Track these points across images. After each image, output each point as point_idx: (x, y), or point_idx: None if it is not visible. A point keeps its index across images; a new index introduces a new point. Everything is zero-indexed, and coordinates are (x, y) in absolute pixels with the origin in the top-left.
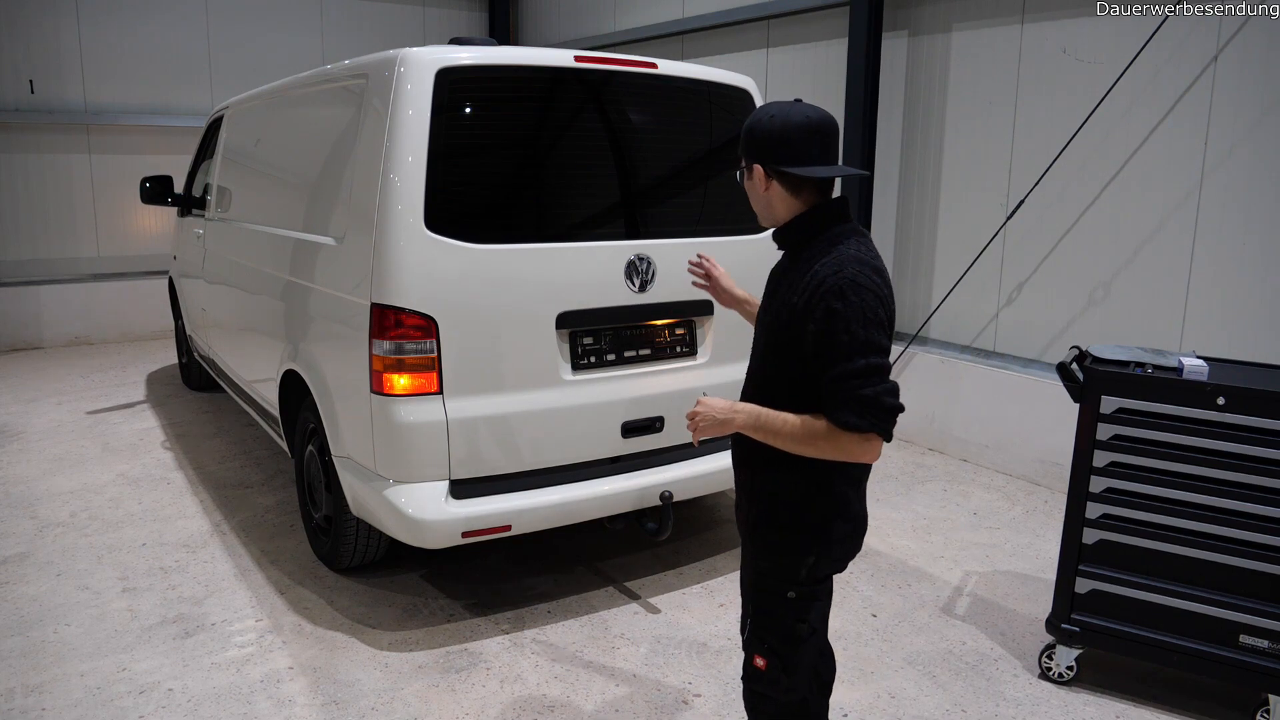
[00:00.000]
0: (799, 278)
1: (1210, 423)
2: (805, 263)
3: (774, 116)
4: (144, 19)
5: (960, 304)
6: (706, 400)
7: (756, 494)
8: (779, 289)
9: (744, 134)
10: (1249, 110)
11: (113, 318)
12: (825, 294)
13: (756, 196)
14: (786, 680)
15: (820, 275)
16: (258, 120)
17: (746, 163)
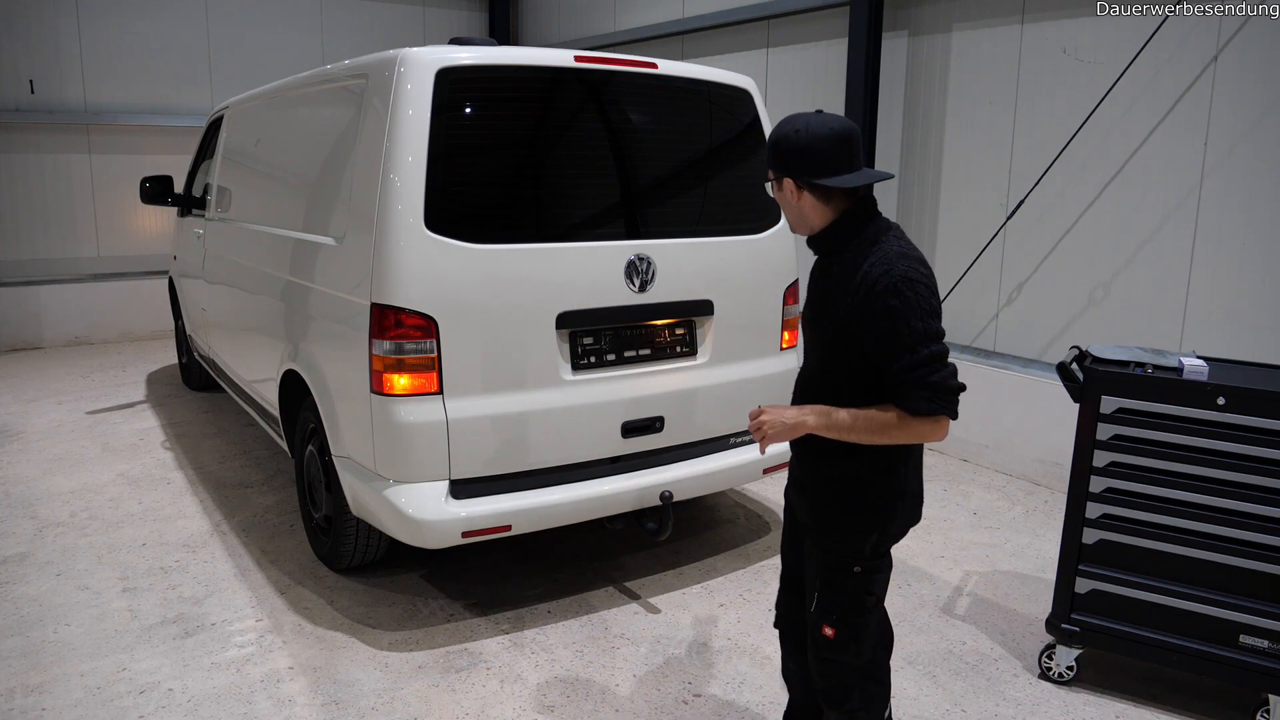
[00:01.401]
0: (847, 279)
1: (1210, 423)
2: (849, 264)
3: (800, 131)
4: (144, 19)
5: (960, 304)
6: (771, 407)
7: (819, 481)
8: (828, 292)
9: (771, 148)
10: (1249, 110)
11: (113, 318)
12: (882, 293)
13: (789, 207)
14: (855, 646)
15: (873, 276)
16: (258, 120)
17: (776, 176)
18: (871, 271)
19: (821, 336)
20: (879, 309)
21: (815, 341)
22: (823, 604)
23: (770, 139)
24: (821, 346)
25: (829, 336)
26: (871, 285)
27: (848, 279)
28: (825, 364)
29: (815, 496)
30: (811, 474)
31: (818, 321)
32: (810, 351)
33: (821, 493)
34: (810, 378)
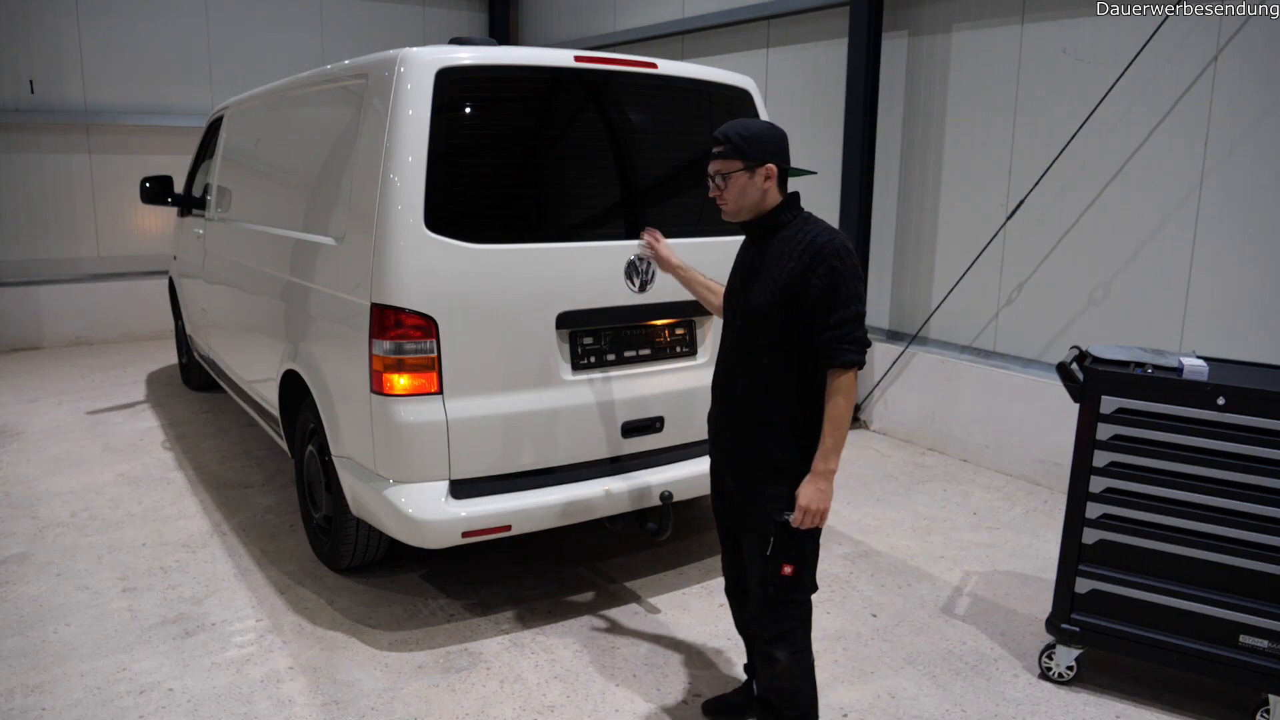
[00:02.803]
0: (790, 248)
1: (1210, 423)
2: (789, 238)
3: (770, 127)
4: (144, 19)
5: (960, 304)
6: (802, 495)
7: (758, 444)
8: (768, 260)
9: (750, 140)
10: (1249, 110)
11: (113, 318)
12: (827, 255)
13: (751, 191)
14: (808, 577)
15: (818, 242)
16: (258, 120)
17: (754, 164)
18: (818, 239)
19: (757, 299)
20: (824, 269)
21: (745, 307)
22: (780, 548)
23: (744, 133)
24: (755, 310)
25: (768, 297)
26: (819, 249)
27: (791, 247)
28: (758, 326)
29: (757, 455)
30: (749, 439)
31: (752, 289)
32: (736, 322)
33: (764, 450)
34: (732, 348)
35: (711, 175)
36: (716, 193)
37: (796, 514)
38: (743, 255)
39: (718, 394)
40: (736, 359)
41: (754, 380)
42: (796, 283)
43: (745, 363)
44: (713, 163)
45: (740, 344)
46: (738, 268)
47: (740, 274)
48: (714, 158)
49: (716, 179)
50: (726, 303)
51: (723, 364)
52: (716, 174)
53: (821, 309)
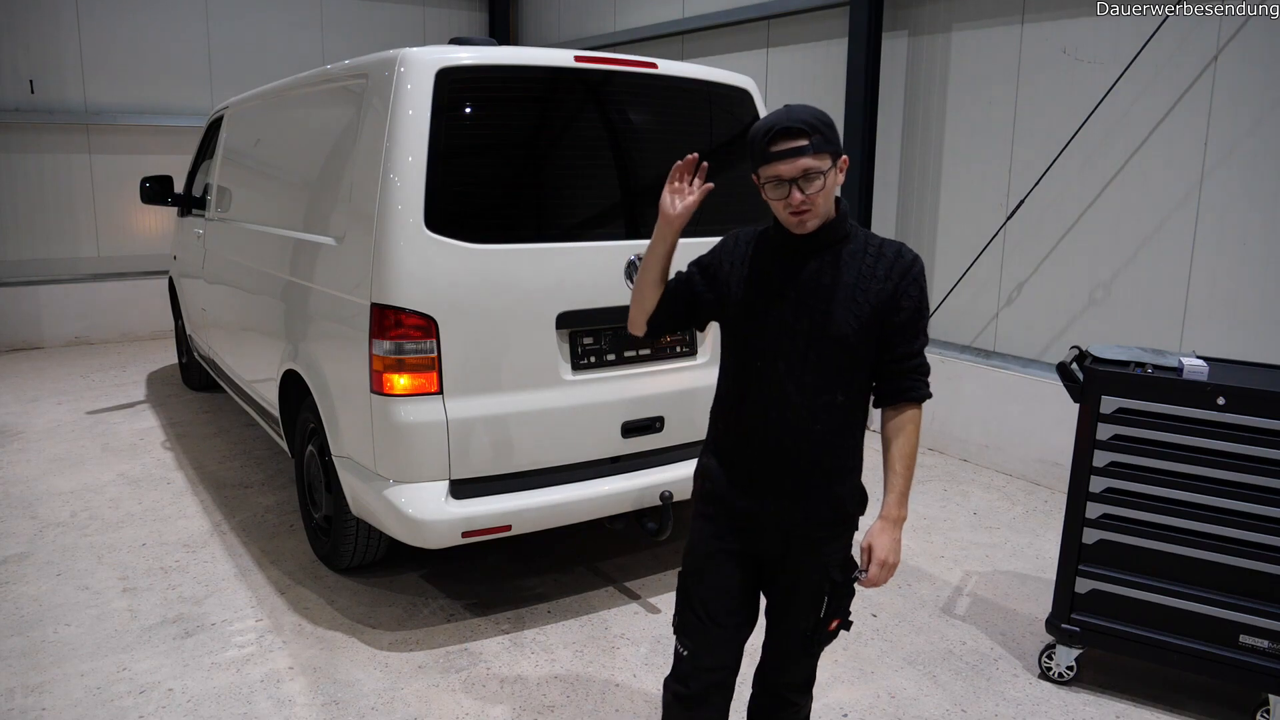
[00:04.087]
0: (869, 264)
1: (1210, 423)
2: (858, 253)
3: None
4: (144, 19)
5: (960, 304)
6: (879, 548)
7: (832, 495)
8: (841, 281)
9: (831, 127)
10: (1249, 110)
11: (113, 318)
12: (916, 272)
13: (832, 192)
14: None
15: (905, 256)
16: (258, 120)
17: (837, 156)
18: (901, 253)
19: (840, 326)
20: (915, 289)
21: (818, 335)
22: (839, 606)
23: (823, 119)
24: (837, 339)
25: (856, 324)
26: (908, 265)
27: (871, 262)
28: (840, 358)
29: (826, 512)
30: (824, 493)
31: (830, 313)
32: (799, 352)
33: (840, 505)
34: (789, 383)
35: (793, 180)
36: (801, 201)
37: (873, 570)
38: (789, 270)
39: (763, 437)
40: (800, 396)
41: (830, 421)
42: (887, 305)
43: (815, 401)
44: (798, 161)
45: (807, 378)
46: (780, 284)
47: (797, 293)
48: (796, 154)
49: (800, 183)
50: (764, 328)
51: (769, 401)
52: (805, 175)
53: (907, 335)
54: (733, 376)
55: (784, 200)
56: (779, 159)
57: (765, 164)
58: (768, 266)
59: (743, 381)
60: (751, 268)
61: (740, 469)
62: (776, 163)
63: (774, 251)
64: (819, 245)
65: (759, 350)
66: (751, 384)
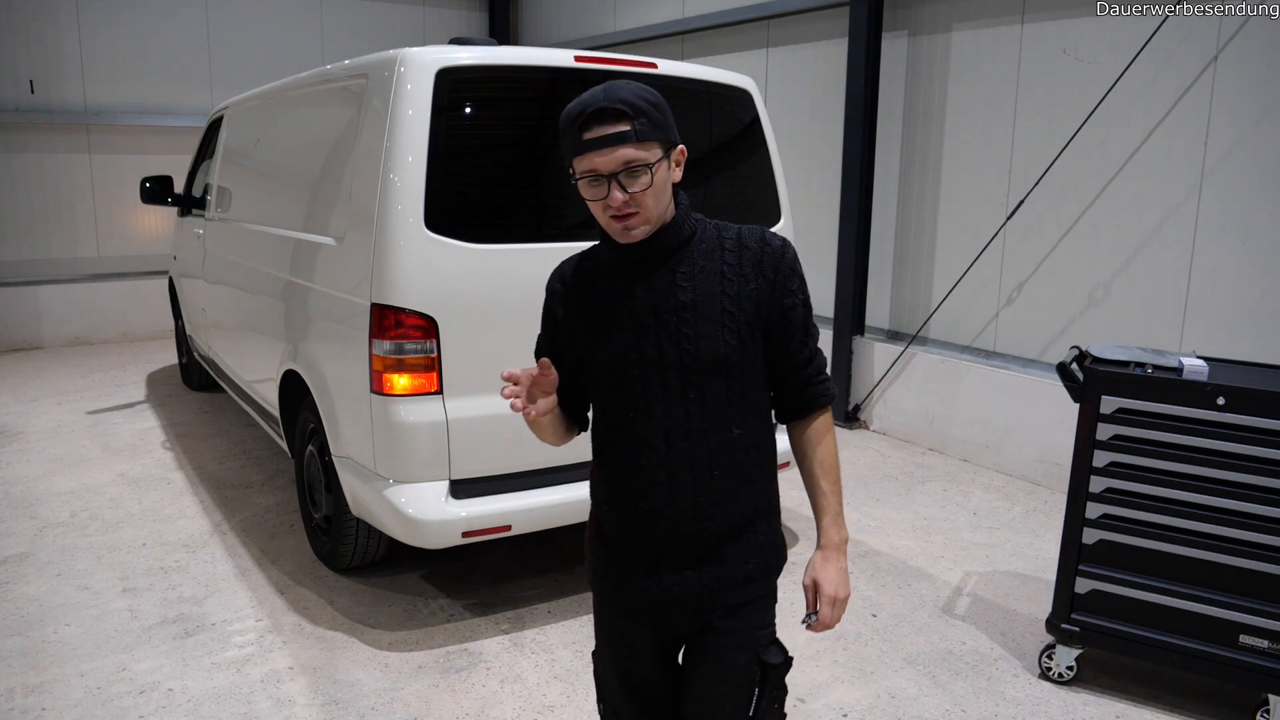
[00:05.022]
0: (724, 262)
1: (1210, 423)
2: (706, 251)
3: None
4: (144, 19)
5: (960, 304)
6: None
7: (746, 553)
8: (698, 291)
9: (662, 110)
10: (1249, 110)
11: (113, 318)
12: (790, 259)
13: (668, 188)
14: None
15: (770, 244)
16: (258, 120)
17: (672, 144)
18: (770, 240)
19: (711, 346)
20: (796, 281)
21: (687, 363)
22: (772, 698)
23: (651, 99)
24: (711, 361)
25: (732, 338)
26: (778, 253)
27: (727, 259)
28: (722, 383)
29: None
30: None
31: (697, 332)
32: (670, 388)
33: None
34: (669, 425)
35: (612, 174)
36: (626, 201)
37: (824, 610)
38: (631, 292)
39: (654, 506)
40: (688, 443)
41: (730, 463)
42: (766, 308)
43: (706, 444)
44: (617, 151)
45: (692, 420)
46: (627, 313)
47: (652, 319)
48: (615, 143)
49: (621, 179)
50: (624, 373)
51: (653, 461)
52: (628, 169)
53: (798, 336)
54: (605, 440)
55: (602, 201)
56: (593, 148)
57: (578, 154)
58: (605, 295)
59: (618, 444)
60: (587, 303)
61: (633, 546)
62: (591, 153)
63: (607, 274)
64: (660, 254)
65: (626, 402)
66: (628, 445)
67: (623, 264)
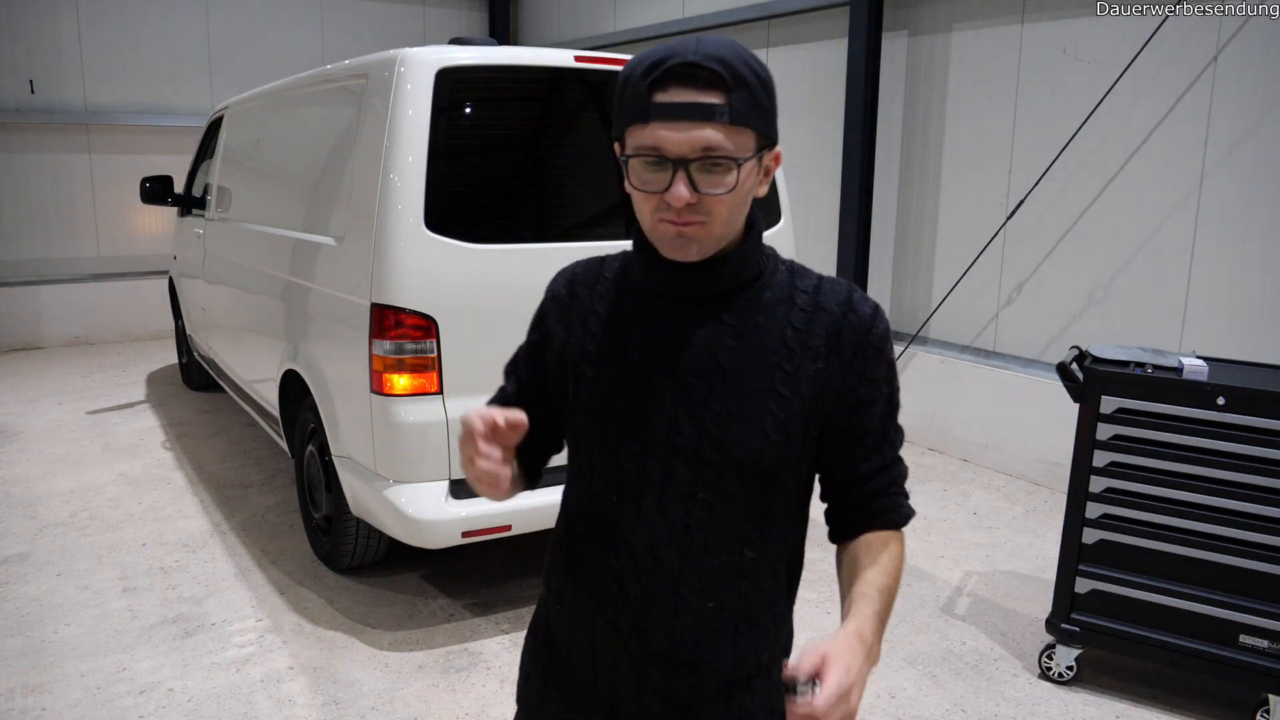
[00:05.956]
0: (787, 325)
1: (1210, 423)
2: (777, 303)
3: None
4: (144, 19)
5: (960, 304)
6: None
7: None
8: (745, 359)
9: (760, 85)
10: (1249, 110)
11: (113, 318)
12: (880, 339)
13: (745, 201)
14: None
15: (862, 313)
16: (258, 120)
17: (765, 144)
18: (857, 305)
19: (743, 440)
20: (881, 368)
21: (707, 456)
22: None
23: (756, 70)
24: (742, 462)
25: (777, 435)
26: (866, 326)
27: (803, 322)
28: (745, 491)
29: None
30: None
31: (728, 417)
32: (675, 482)
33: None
34: (666, 530)
35: (682, 161)
36: (693, 204)
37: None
38: (662, 333)
39: (616, 626)
40: (680, 558)
41: (732, 595)
42: (833, 397)
43: (705, 564)
44: (700, 130)
45: (694, 529)
46: (645, 361)
47: (674, 379)
48: (700, 115)
49: (694, 171)
50: (616, 441)
51: (627, 567)
52: (709, 156)
53: (872, 442)
54: (574, 513)
55: (658, 197)
56: (666, 116)
57: (640, 120)
58: (620, 327)
59: (589, 529)
60: (594, 330)
61: (583, 673)
62: (660, 123)
63: (630, 298)
64: (713, 291)
65: (610, 483)
66: (601, 538)
67: (654, 290)
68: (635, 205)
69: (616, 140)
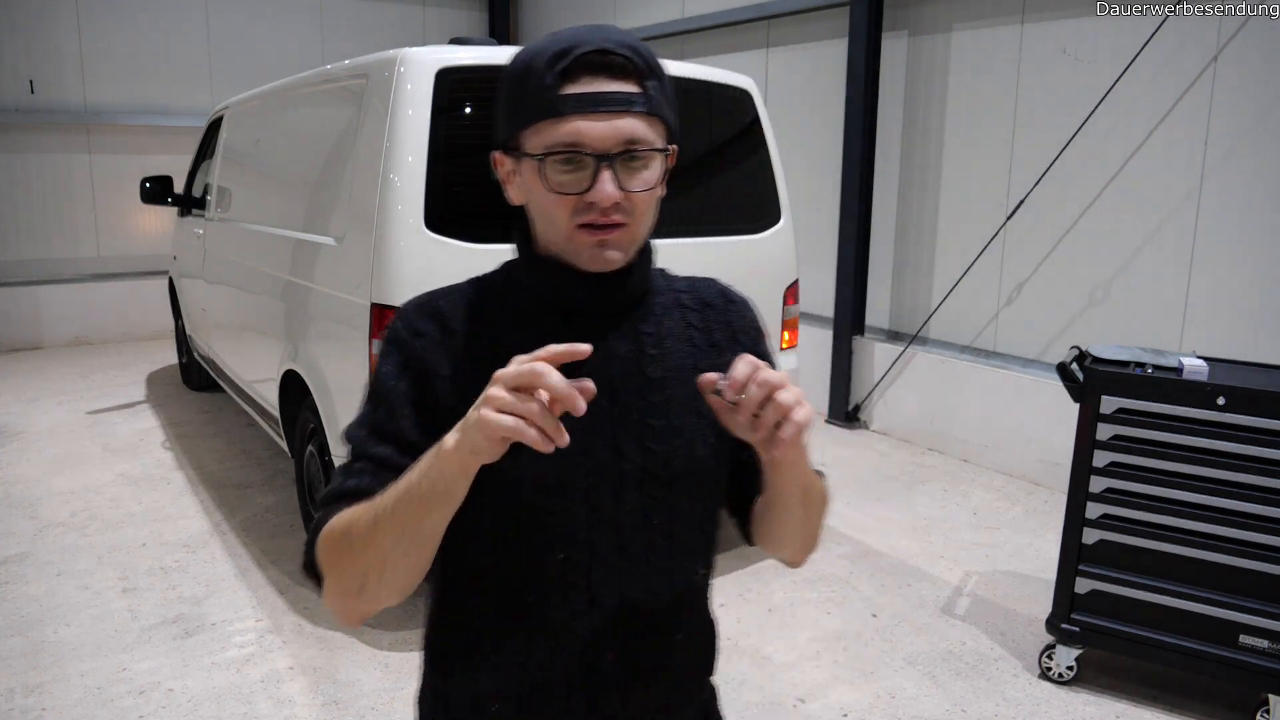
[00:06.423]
0: (686, 326)
1: (1210, 423)
2: (668, 306)
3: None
4: (144, 19)
5: (960, 304)
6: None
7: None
8: (668, 367)
9: (666, 80)
10: (1249, 110)
11: (113, 318)
12: (759, 321)
13: (656, 201)
14: None
15: (738, 302)
16: (258, 120)
17: (668, 141)
18: (731, 295)
19: (685, 447)
20: (765, 346)
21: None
22: None
23: (657, 61)
24: (688, 470)
25: (711, 437)
26: (749, 315)
27: (698, 320)
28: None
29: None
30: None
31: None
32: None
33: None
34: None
35: (604, 156)
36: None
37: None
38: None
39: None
40: (645, 589)
41: (690, 616)
42: None
43: (664, 595)
44: (623, 120)
45: (654, 557)
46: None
47: (609, 401)
48: (621, 105)
49: (619, 167)
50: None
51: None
52: (632, 150)
53: None
54: (498, 592)
55: (576, 200)
56: (582, 108)
57: (550, 115)
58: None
59: (525, 606)
60: (492, 365)
61: None
62: (577, 116)
63: (537, 324)
64: (628, 299)
65: (553, 533)
66: (543, 612)
67: (561, 309)
68: (541, 213)
69: (504, 145)
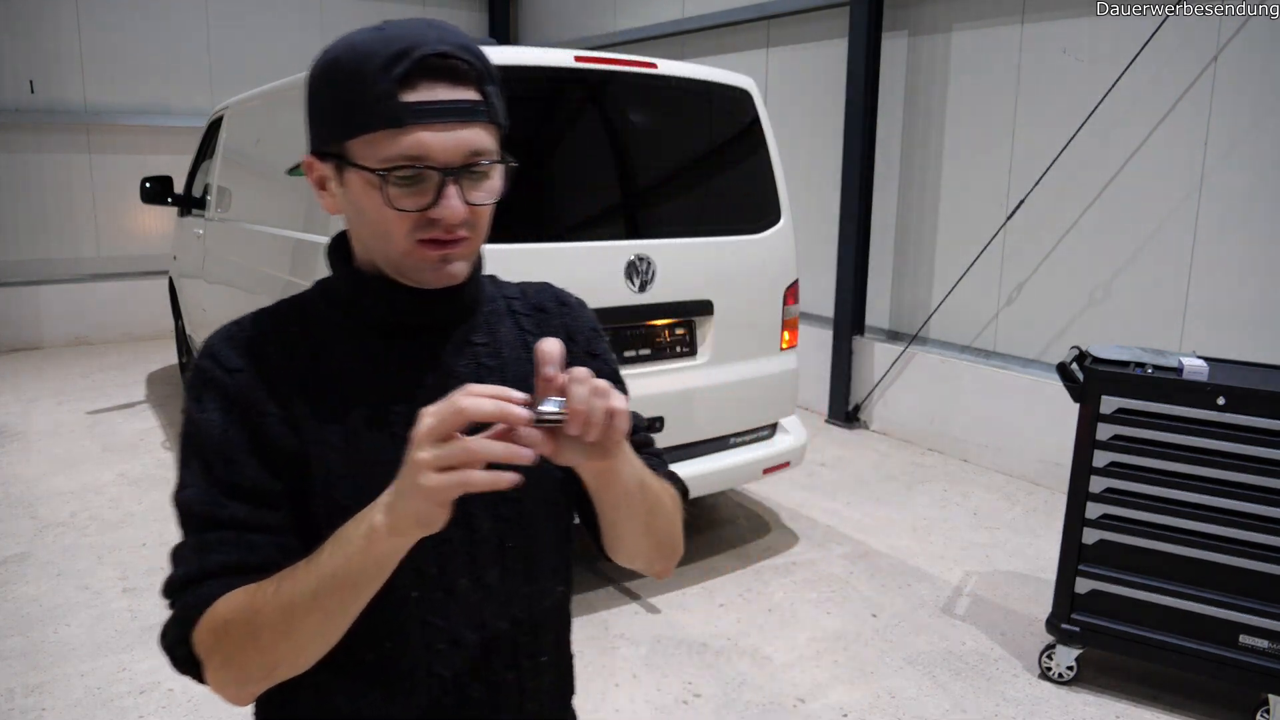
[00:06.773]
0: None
1: (1210, 423)
2: (499, 314)
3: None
4: (144, 19)
5: (960, 304)
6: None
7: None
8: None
9: (500, 84)
10: (1249, 110)
11: (113, 318)
12: (595, 321)
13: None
14: None
15: (572, 304)
16: (258, 120)
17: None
18: (565, 297)
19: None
20: (602, 348)
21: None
22: None
23: (492, 65)
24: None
25: None
26: (586, 316)
27: (532, 325)
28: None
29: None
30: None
31: None
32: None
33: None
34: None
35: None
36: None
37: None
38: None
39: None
40: (512, 625)
41: (555, 635)
42: None
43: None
44: (467, 130)
45: (509, 581)
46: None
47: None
48: (465, 116)
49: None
50: None
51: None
52: (475, 163)
53: None
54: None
55: (417, 216)
56: (425, 117)
57: (384, 126)
58: (369, 383)
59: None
60: (321, 395)
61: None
62: (419, 126)
63: (363, 346)
64: (461, 312)
65: (395, 575)
66: (392, 654)
67: (389, 329)
68: (373, 229)
69: (325, 153)
